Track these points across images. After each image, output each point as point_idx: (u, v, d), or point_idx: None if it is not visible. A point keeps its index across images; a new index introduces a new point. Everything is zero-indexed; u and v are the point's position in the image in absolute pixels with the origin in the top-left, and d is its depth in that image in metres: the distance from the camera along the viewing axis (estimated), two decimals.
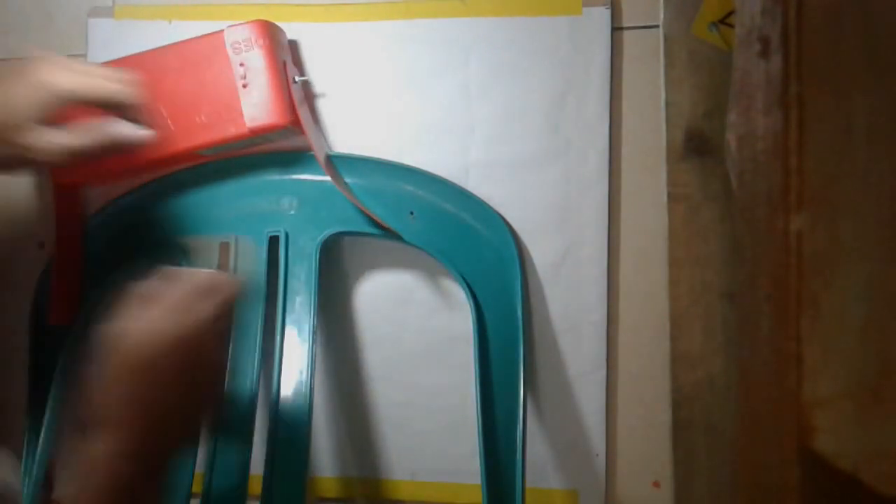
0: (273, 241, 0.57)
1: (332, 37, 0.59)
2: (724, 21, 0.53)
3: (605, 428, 0.57)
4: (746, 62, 0.30)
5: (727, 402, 0.53)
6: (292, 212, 0.58)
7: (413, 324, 0.59)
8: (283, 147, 0.58)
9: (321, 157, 0.55)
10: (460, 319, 0.58)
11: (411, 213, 0.56)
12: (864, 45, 0.27)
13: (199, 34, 0.56)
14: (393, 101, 0.59)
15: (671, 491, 0.55)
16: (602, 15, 0.56)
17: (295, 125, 0.55)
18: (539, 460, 0.58)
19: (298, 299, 0.56)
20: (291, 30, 0.59)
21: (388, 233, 0.55)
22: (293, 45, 0.59)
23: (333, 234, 0.57)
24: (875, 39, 0.27)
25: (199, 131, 0.55)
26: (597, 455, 0.57)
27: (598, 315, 0.57)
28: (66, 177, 0.57)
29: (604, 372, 0.57)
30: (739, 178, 0.32)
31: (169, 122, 0.55)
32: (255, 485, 0.56)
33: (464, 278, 0.55)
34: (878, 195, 0.27)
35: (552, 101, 0.57)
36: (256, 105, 0.54)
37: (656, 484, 0.57)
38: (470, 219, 0.56)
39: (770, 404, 0.29)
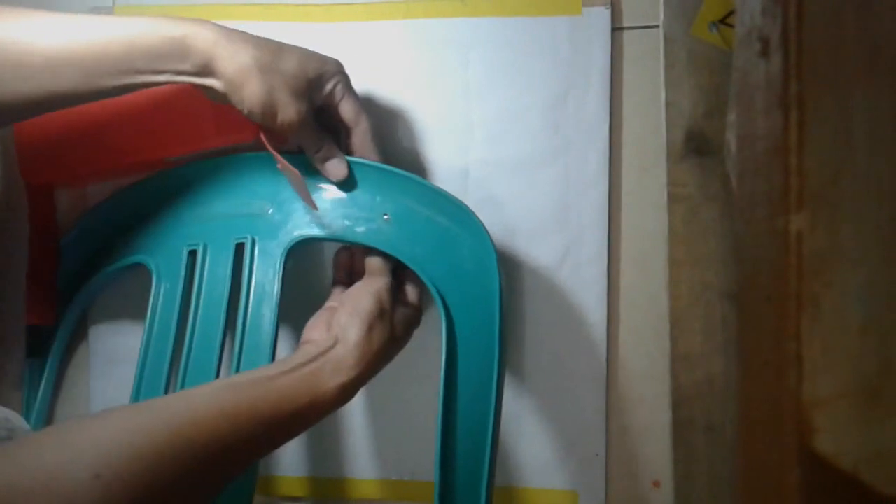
0: (240, 248, 0.56)
1: (333, 37, 0.59)
2: (724, 21, 0.53)
3: (605, 428, 0.57)
4: (746, 62, 0.30)
5: (727, 402, 0.54)
6: (262, 217, 0.56)
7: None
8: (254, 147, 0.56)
9: (281, 160, 0.52)
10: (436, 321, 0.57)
11: (385, 216, 0.53)
12: (864, 45, 0.27)
13: None
14: (393, 101, 0.59)
15: (671, 491, 0.55)
16: (602, 15, 0.56)
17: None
18: (539, 460, 0.58)
19: (263, 309, 0.54)
20: (291, 30, 0.59)
21: (354, 238, 0.53)
22: None
23: (301, 240, 0.54)
24: (875, 39, 0.27)
25: (170, 140, 0.55)
26: (597, 455, 0.57)
27: (598, 315, 0.57)
28: (38, 178, 0.56)
29: (604, 372, 0.57)
30: (739, 178, 0.32)
31: (140, 128, 0.55)
32: None
33: (435, 286, 0.51)
34: (879, 195, 0.27)
35: (552, 101, 0.57)
36: (226, 116, 0.53)
37: (656, 484, 0.57)
38: (448, 223, 0.53)
39: (770, 404, 0.29)
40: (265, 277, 0.54)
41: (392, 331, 0.49)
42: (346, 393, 0.46)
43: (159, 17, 0.46)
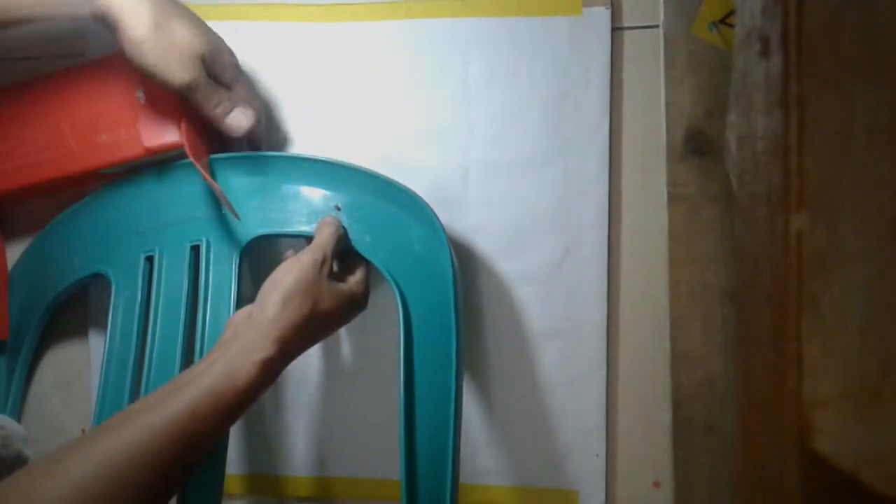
0: (196, 251, 0.56)
1: (332, 37, 0.59)
2: (724, 21, 0.53)
3: (605, 428, 0.57)
4: (746, 62, 0.30)
5: (727, 402, 0.54)
6: (215, 218, 0.55)
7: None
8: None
9: (205, 174, 0.52)
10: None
11: (337, 208, 0.53)
12: (864, 45, 0.27)
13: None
14: (393, 101, 0.59)
15: (671, 491, 0.55)
16: (602, 15, 0.56)
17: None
18: (539, 460, 0.58)
19: (221, 309, 0.54)
20: (291, 30, 0.59)
21: (307, 232, 0.53)
22: None
23: (256, 238, 0.55)
24: (875, 39, 0.27)
25: (101, 150, 0.56)
26: (597, 455, 0.57)
27: (598, 315, 0.57)
28: None
29: (604, 372, 0.57)
30: (739, 178, 0.32)
31: (71, 140, 0.56)
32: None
33: (391, 274, 0.52)
34: (879, 195, 0.27)
35: (552, 101, 0.57)
36: (154, 124, 0.54)
37: (656, 484, 0.57)
38: (398, 210, 0.53)
39: (770, 404, 0.29)
40: (222, 278, 0.55)
41: (315, 305, 0.47)
42: (267, 370, 0.45)
43: None
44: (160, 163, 0.57)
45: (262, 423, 0.61)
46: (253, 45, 0.59)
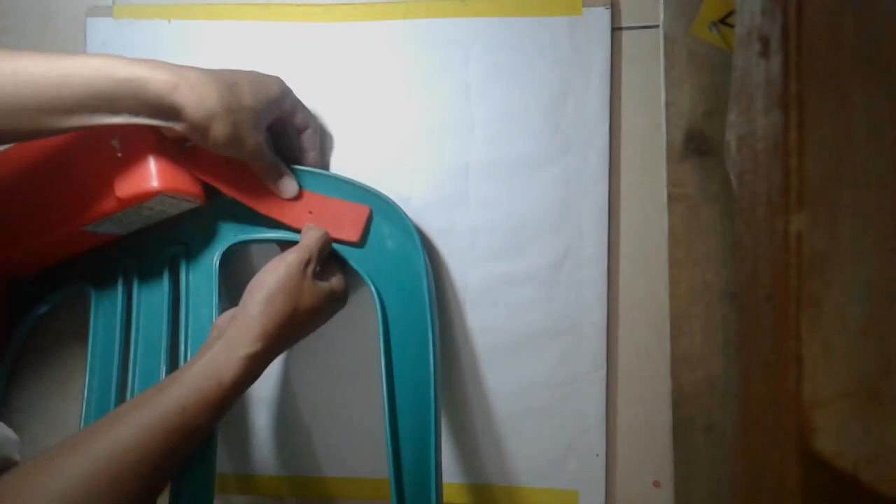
0: (175, 261, 0.56)
1: (332, 37, 0.59)
2: (724, 21, 0.53)
3: (605, 428, 0.57)
4: (746, 62, 0.30)
5: (727, 402, 0.54)
6: (193, 227, 0.56)
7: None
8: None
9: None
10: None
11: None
12: (864, 45, 0.27)
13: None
14: (393, 101, 0.59)
15: (671, 491, 0.55)
16: (602, 15, 0.56)
17: (175, 190, 0.50)
18: (539, 460, 0.58)
19: (202, 316, 0.55)
20: (291, 30, 0.59)
21: (287, 237, 0.54)
22: None
23: (234, 245, 0.55)
24: (875, 39, 0.27)
25: (77, 210, 0.52)
26: (597, 455, 0.57)
27: (598, 315, 0.57)
28: None
29: (604, 372, 0.57)
30: (739, 178, 0.32)
31: (56, 202, 0.52)
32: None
33: (368, 275, 0.53)
34: (878, 195, 0.27)
35: (552, 101, 0.57)
36: (129, 174, 0.50)
37: (656, 484, 0.57)
38: (375, 216, 0.54)
39: (770, 404, 0.29)
40: (202, 286, 0.55)
41: (298, 303, 0.49)
42: (251, 365, 0.46)
43: (115, 58, 0.46)
44: (166, 215, 0.55)
45: (256, 424, 0.61)
46: (253, 45, 0.59)
